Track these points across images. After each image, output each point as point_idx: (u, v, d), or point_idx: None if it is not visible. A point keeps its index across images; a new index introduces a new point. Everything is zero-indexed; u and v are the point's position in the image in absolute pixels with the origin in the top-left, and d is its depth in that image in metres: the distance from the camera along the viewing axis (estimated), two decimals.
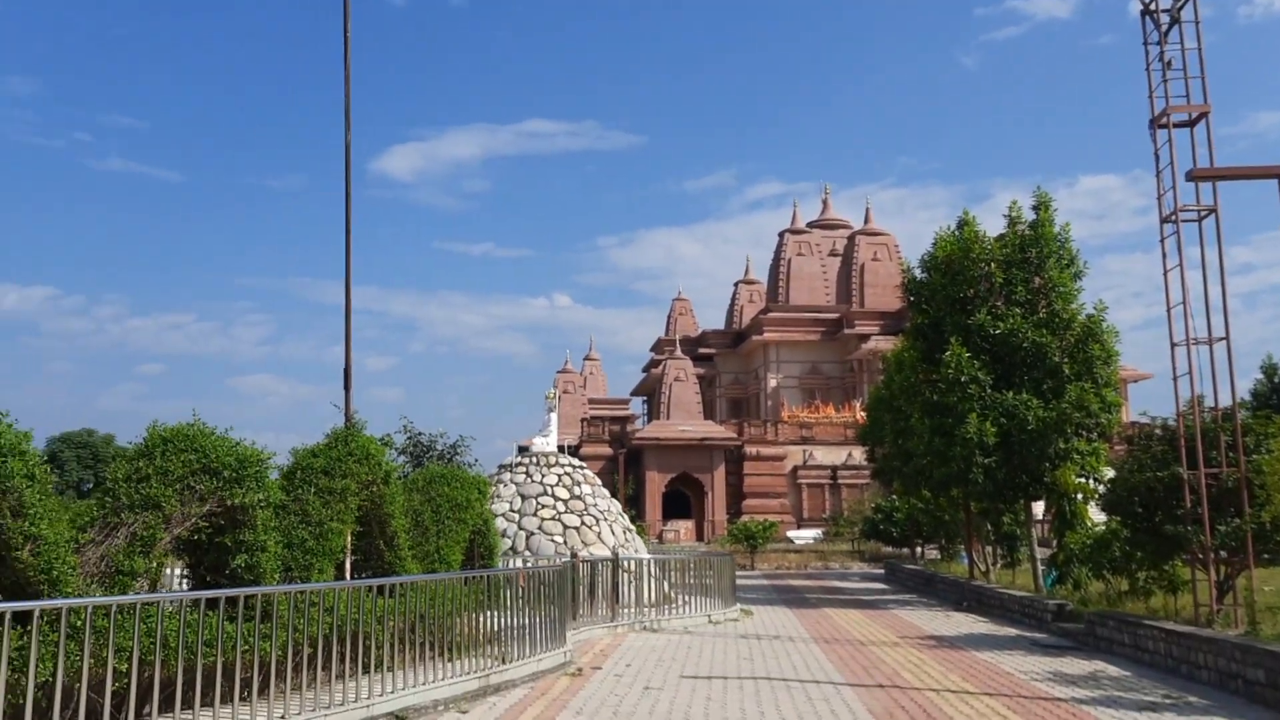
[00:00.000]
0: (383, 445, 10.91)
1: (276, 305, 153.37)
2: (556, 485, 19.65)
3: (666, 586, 18.16)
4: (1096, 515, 17.72)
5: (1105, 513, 14.97)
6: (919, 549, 32.76)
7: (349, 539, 10.23)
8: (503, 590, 11.07)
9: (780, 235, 65.32)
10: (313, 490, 9.59)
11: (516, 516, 19.00)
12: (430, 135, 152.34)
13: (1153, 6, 12.60)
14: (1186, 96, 12.22)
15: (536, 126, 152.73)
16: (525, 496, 19.38)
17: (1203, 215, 12.02)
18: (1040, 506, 22.87)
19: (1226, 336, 11.69)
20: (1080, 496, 18.82)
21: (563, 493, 19.54)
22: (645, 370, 71.67)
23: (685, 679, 10.89)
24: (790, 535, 46.11)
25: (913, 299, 20.82)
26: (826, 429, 52.65)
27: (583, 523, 19.13)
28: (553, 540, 18.52)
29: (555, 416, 21.92)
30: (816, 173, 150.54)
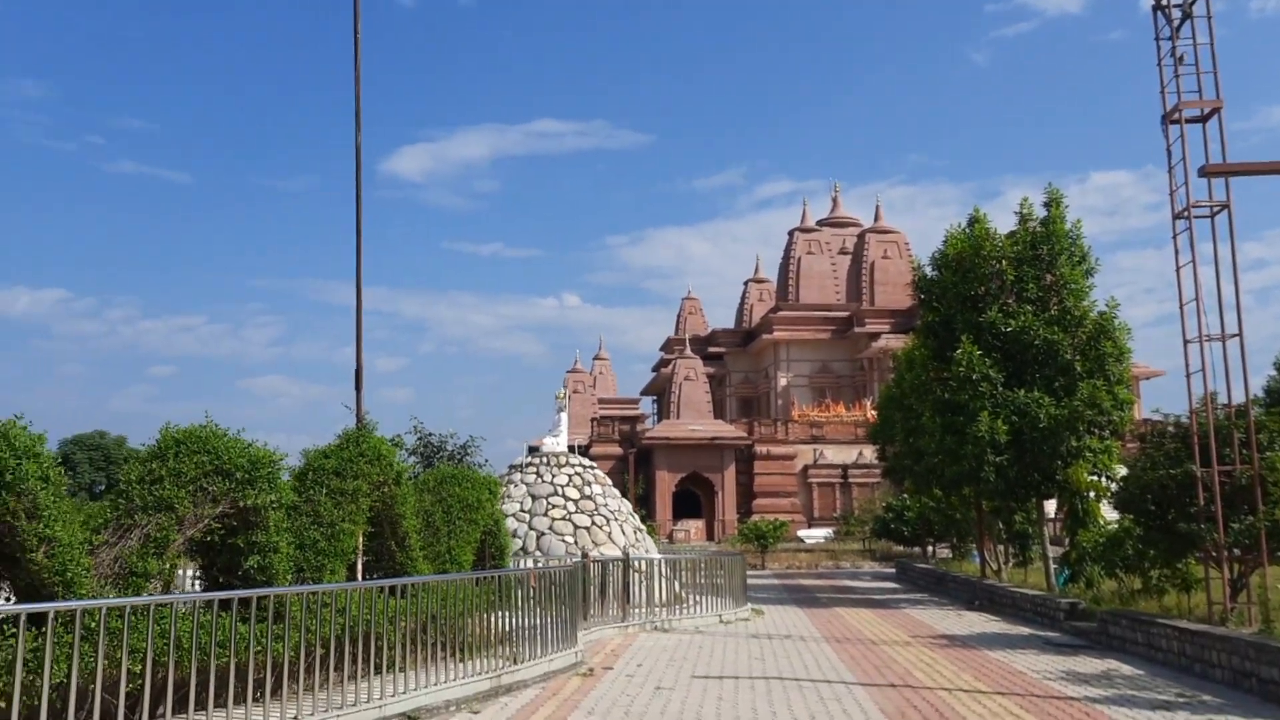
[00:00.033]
0: (394, 446, 10.93)
1: (287, 306, 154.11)
2: (567, 485, 19.68)
3: (677, 586, 18.15)
4: (1109, 513, 17.64)
5: (1118, 511, 14.90)
6: (930, 548, 32.67)
7: (360, 540, 10.26)
8: (514, 590, 11.09)
9: (790, 233, 65.27)
10: (324, 491, 9.62)
11: (527, 517, 19.04)
12: (440, 136, 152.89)
13: (1164, 2, 12.54)
14: (1199, 92, 12.17)
15: (545, 126, 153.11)
16: (536, 497, 19.42)
17: (1215, 211, 11.96)
18: (1052, 505, 22.78)
19: (1240, 333, 11.64)
20: (1092, 495, 18.75)
21: (573, 493, 19.57)
22: (655, 370, 71.71)
23: (697, 679, 10.89)
24: (801, 534, 46.05)
25: (923, 297, 20.78)
26: (837, 428, 52.58)
27: (593, 522, 19.15)
28: (563, 540, 18.54)
29: (565, 416, 21.95)
30: (826, 171, 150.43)
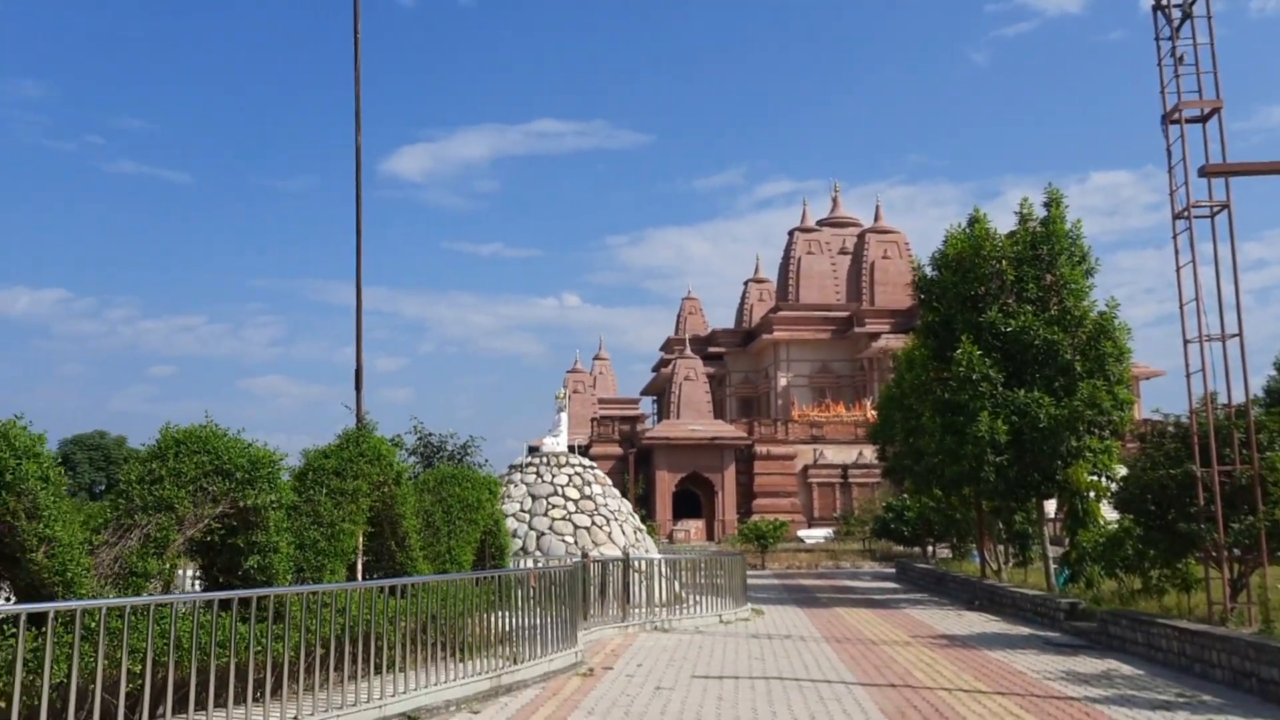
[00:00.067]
0: (394, 446, 10.93)
1: (287, 306, 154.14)
2: (567, 485, 19.68)
3: (677, 586, 18.15)
4: (1109, 513, 17.64)
5: (1118, 511, 14.90)
6: (930, 548, 32.67)
7: (360, 540, 10.26)
8: (514, 590, 11.09)
9: (790, 233, 65.27)
10: (324, 491, 9.62)
11: (527, 516, 19.04)
12: (439, 136, 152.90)
13: (1164, 2, 12.54)
14: (1199, 92, 12.17)
15: (545, 126, 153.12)
16: (536, 496, 19.42)
17: (1215, 211, 11.96)
18: (1052, 505, 22.79)
19: (1240, 333, 11.64)
20: (1092, 495, 18.75)
21: (573, 493, 19.57)
22: (655, 370, 71.71)
23: (697, 679, 10.89)
24: (801, 534, 46.04)
25: (923, 297, 20.79)
26: (837, 428, 52.58)
27: (593, 522, 19.15)
28: (563, 540, 18.54)
29: (565, 416, 21.95)
30: (826, 171, 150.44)
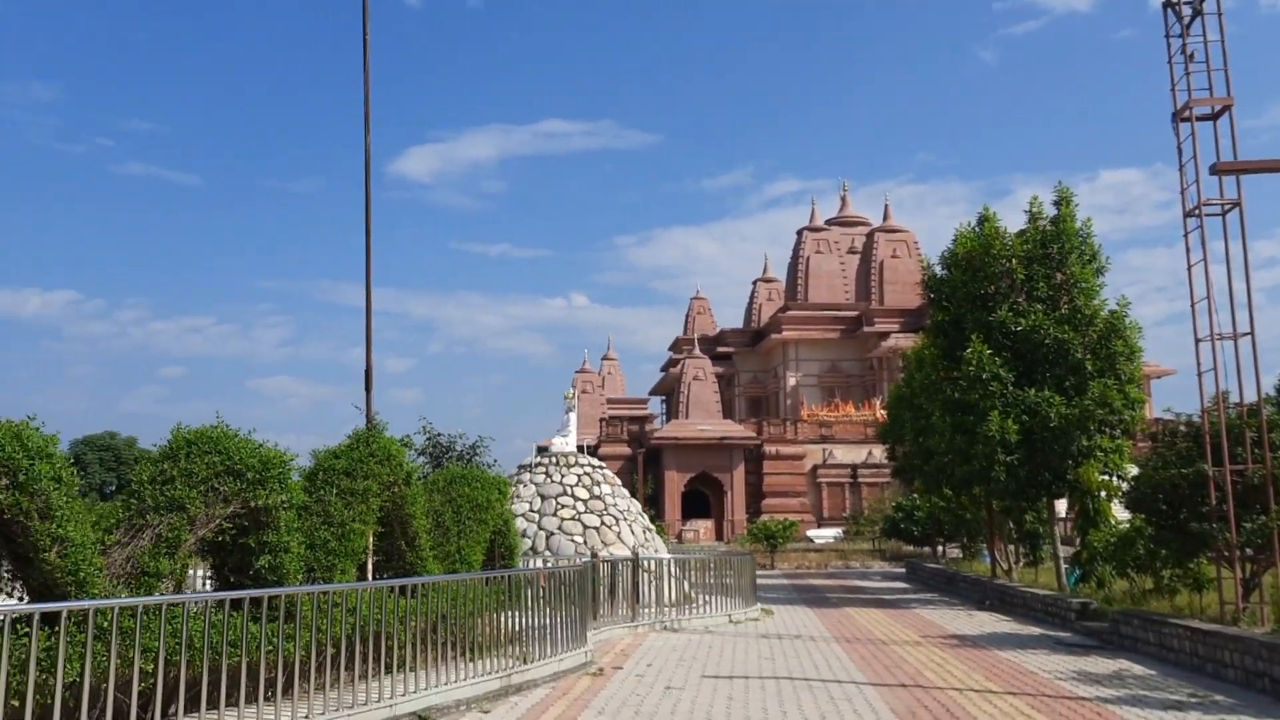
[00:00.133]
0: (403, 446, 10.97)
1: (296, 307, 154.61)
2: (576, 485, 19.70)
3: (686, 586, 18.15)
4: (1120, 513, 17.57)
5: (1129, 510, 14.84)
6: (940, 548, 32.59)
7: (371, 540, 10.29)
8: (524, 590, 11.10)
9: (799, 233, 65.14)
10: (335, 491, 9.65)
11: (536, 517, 19.06)
12: (447, 136, 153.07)
13: None
14: (1209, 89, 12.12)
15: (553, 126, 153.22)
16: (545, 497, 19.44)
17: (1226, 209, 11.91)
18: (1063, 504, 22.70)
19: (1251, 331, 11.58)
20: (1104, 494, 18.68)
21: (582, 493, 19.58)
22: (664, 370, 71.66)
23: (706, 679, 10.89)
24: (810, 534, 45.99)
25: (933, 296, 20.73)
26: (846, 427, 52.47)
27: (602, 522, 19.16)
28: (573, 540, 18.55)
29: (574, 416, 21.97)
30: (834, 170, 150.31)
